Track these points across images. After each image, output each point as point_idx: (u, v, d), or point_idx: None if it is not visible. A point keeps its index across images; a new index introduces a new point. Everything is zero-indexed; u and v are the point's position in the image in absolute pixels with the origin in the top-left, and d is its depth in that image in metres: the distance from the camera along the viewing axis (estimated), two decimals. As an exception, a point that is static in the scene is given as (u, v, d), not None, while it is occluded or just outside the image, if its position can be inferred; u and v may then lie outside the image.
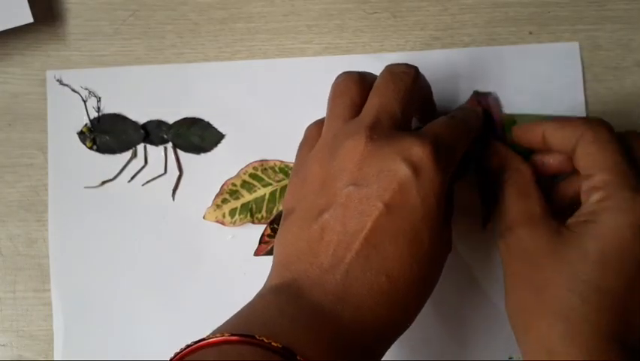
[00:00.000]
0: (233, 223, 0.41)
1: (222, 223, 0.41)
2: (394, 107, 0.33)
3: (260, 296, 0.31)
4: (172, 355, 0.28)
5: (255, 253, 0.41)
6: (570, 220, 0.34)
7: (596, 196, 0.33)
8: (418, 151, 0.31)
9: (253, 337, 0.27)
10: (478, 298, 0.40)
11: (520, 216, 0.35)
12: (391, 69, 0.35)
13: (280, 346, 0.26)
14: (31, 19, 0.40)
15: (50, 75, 0.42)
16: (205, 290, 0.41)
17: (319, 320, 0.29)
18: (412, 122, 0.35)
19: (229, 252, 0.41)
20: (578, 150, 0.34)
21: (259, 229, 0.41)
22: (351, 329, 0.29)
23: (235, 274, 0.41)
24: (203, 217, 0.41)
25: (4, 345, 0.41)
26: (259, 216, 0.41)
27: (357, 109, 0.34)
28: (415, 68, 0.35)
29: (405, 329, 0.32)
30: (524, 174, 0.36)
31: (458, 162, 0.34)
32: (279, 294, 0.30)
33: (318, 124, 0.36)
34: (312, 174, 0.33)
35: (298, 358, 0.26)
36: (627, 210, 0.32)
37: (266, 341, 0.27)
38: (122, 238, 0.41)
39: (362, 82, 0.35)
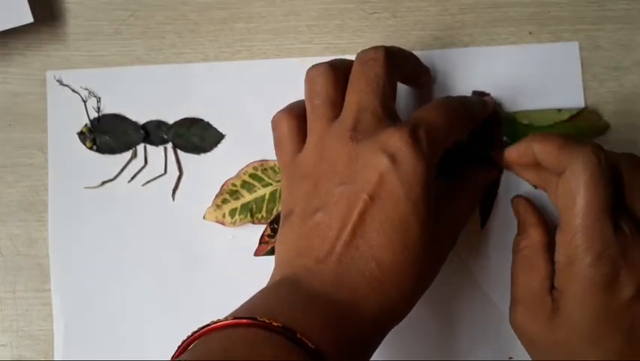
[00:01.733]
0: (234, 223, 0.41)
1: (222, 223, 0.41)
2: (372, 102, 0.33)
3: (260, 291, 0.32)
4: (179, 342, 0.30)
5: (255, 253, 0.41)
6: (555, 282, 0.35)
7: (562, 257, 0.34)
8: (395, 141, 0.32)
9: (255, 319, 0.28)
10: (477, 298, 0.40)
11: (521, 293, 0.36)
12: (361, 58, 0.35)
13: (280, 325, 0.28)
14: (31, 20, 0.40)
15: (50, 75, 0.42)
16: (205, 290, 0.41)
17: (316, 303, 0.30)
18: (394, 105, 0.35)
19: (229, 252, 0.41)
20: (536, 154, 0.35)
21: (259, 229, 0.41)
22: (348, 312, 0.30)
23: (235, 274, 0.41)
24: (204, 217, 0.41)
25: (4, 345, 0.41)
26: (259, 216, 0.41)
27: (337, 105, 0.35)
28: (384, 50, 0.35)
29: (402, 317, 0.33)
30: (533, 241, 0.37)
31: (449, 143, 0.34)
32: (279, 287, 0.32)
33: (289, 120, 0.36)
34: (305, 177, 0.34)
35: (298, 335, 0.28)
36: (589, 282, 0.32)
37: (267, 321, 0.28)
38: (122, 238, 0.41)
39: (335, 76, 0.35)
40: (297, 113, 0.36)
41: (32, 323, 0.41)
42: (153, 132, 0.42)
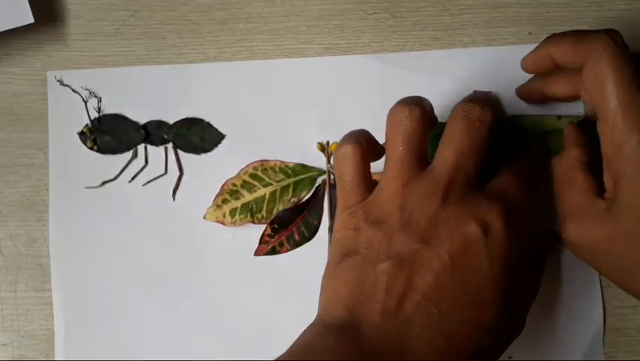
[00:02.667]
0: (234, 223, 0.41)
1: (223, 223, 0.41)
2: (469, 165, 0.33)
3: (316, 334, 0.31)
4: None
5: (255, 253, 0.41)
6: (605, 180, 0.34)
7: (608, 148, 0.33)
8: (491, 214, 0.31)
9: None
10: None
11: (565, 209, 0.36)
12: (467, 112, 0.33)
13: None
14: (31, 20, 0.40)
15: (51, 75, 0.42)
16: (205, 290, 0.41)
17: None
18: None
19: (229, 252, 0.41)
20: (555, 58, 0.35)
21: (259, 229, 0.41)
22: None
23: (235, 274, 0.41)
24: (204, 217, 0.41)
25: (4, 345, 0.41)
26: (259, 216, 0.41)
27: (424, 154, 0.34)
28: (491, 113, 0.34)
29: None
30: (571, 159, 0.36)
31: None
32: (338, 336, 0.30)
33: (361, 157, 0.34)
34: (378, 222, 0.33)
35: None
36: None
37: None
38: (122, 238, 0.41)
39: (425, 120, 0.33)
40: (365, 147, 0.34)
41: (33, 322, 0.41)
42: (154, 132, 0.42)
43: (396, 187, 0.33)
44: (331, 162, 0.41)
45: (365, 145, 0.34)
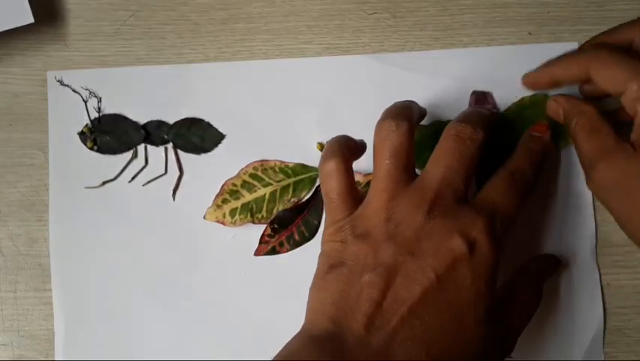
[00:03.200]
0: (234, 223, 0.41)
1: (223, 223, 0.41)
2: (458, 181, 0.33)
3: (302, 345, 0.31)
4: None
5: (255, 253, 0.41)
6: (632, 136, 0.35)
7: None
8: (477, 229, 0.32)
9: None
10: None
11: (596, 153, 0.35)
12: (458, 132, 0.34)
13: None
14: (31, 20, 0.40)
15: (51, 75, 0.42)
16: (205, 290, 0.41)
17: None
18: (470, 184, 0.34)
19: (229, 252, 0.41)
20: (594, 79, 0.35)
21: (259, 229, 0.41)
22: None
23: (235, 274, 0.41)
24: (204, 217, 0.41)
25: (4, 345, 0.41)
26: (259, 216, 0.41)
27: (411, 166, 0.34)
28: (483, 133, 0.34)
29: None
30: (588, 113, 0.36)
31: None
32: (322, 347, 0.30)
33: (345, 174, 0.34)
34: (365, 236, 0.33)
35: None
36: None
37: None
38: (122, 238, 0.41)
39: (412, 133, 0.34)
40: (349, 159, 0.35)
41: (33, 322, 0.41)
42: (154, 132, 0.42)
43: (384, 200, 0.33)
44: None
45: (348, 156, 0.35)
